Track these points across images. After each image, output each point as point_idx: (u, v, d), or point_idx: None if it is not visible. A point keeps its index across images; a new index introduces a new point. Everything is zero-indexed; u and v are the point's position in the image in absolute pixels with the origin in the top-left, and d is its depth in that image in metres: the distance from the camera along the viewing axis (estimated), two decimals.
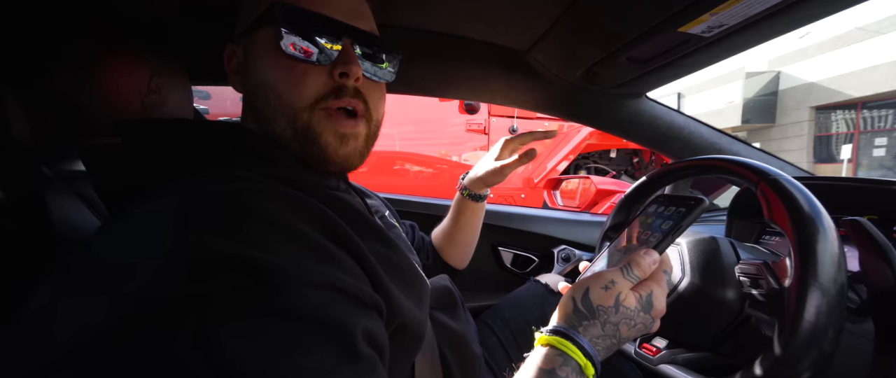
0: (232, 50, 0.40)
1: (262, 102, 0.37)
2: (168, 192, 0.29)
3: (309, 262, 0.27)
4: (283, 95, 0.36)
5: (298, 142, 0.37)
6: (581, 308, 0.36)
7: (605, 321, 0.35)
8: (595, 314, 0.35)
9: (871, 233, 0.42)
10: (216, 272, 0.24)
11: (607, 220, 0.72)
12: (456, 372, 0.54)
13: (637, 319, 0.36)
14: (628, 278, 0.36)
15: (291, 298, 0.25)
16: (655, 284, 0.37)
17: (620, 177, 2.73)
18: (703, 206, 0.38)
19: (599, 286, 0.36)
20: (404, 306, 0.35)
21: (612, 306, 0.35)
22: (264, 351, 0.23)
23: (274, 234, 0.27)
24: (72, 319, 0.23)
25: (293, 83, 0.36)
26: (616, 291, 0.35)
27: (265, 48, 0.36)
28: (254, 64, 0.37)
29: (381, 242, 0.38)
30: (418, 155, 2.37)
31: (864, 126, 8.14)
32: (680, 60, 0.62)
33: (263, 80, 0.37)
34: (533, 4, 0.55)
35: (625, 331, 0.35)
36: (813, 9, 0.47)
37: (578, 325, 0.35)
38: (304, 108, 0.36)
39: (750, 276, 0.44)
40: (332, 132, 0.37)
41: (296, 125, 0.36)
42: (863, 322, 0.44)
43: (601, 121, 0.92)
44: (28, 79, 0.38)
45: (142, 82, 0.45)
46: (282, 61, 0.36)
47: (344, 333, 0.26)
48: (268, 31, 0.36)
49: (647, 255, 0.37)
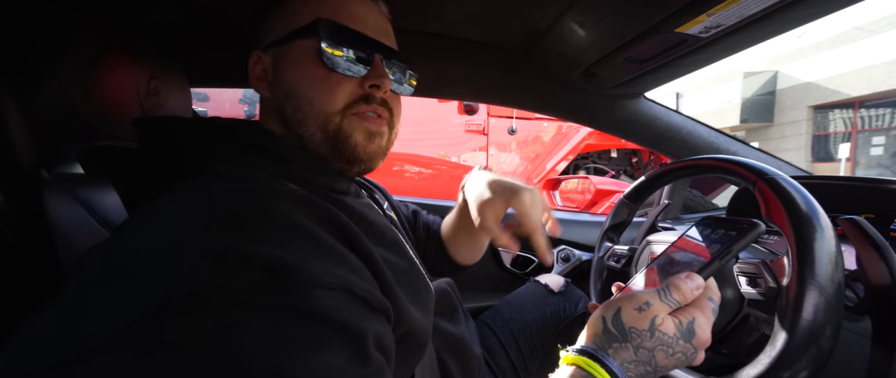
0: (258, 57, 0.41)
1: (293, 108, 0.39)
2: (188, 189, 0.30)
3: (324, 263, 0.28)
4: (316, 102, 0.38)
5: (329, 144, 0.39)
6: (612, 329, 0.33)
7: (639, 345, 0.32)
8: (627, 337, 0.33)
9: (869, 231, 0.42)
10: (234, 269, 0.24)
11: (607, 220, 0.72)
12: (456, 374, 0.54)
13: (676, 348, 0.32)
14: (666, 301, 0.34)
15: (306, 298, 0.25)
16: (699, 312, 0.34)
17: (619, 177, 2.73)
18: (759, 229, 0.35)
19: (633, 307, 0.33)
20: (411, 313, 0.36)
21: (646, 330, 0.32)
22: (277, 348, 0.23)
23: (291, 235, 0.28)
24: (93, 316, 0.23)
25: (326, 91, 0.38)
26: (651, 314, 0.33)
27: (302, 58, 0.38)
28: (286, 72, 0.39)
29: (391, 248, 0.39)
30: (417, 155, 2.37)
31: (862, 125, 8.17)
32: (678, 60, 0.63)
33: (297, 87, 0.39)
34: (531, 5, 0.56)
35: (661, 359, 0.32)
36: (810, 9, 0.48)
37: (608, 347, 0.33)
38: (335, 113, 0.39)
39: (748, 275, 0.44)
40: (362, 131, 0.39)
41: (327, 128, 0.39)
42: (860, 320, 0.44)
43: (600, 121, 0.92)
44: (26, 81, 0.38)
45: (141, 84, 0.45)
46: (318, 71, 0.38)
47: (356, 336, 0.26)
48: (307, 42, 0.38)
49: (690, 280, 0.34)
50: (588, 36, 0.60)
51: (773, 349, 0.37)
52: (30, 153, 0.36)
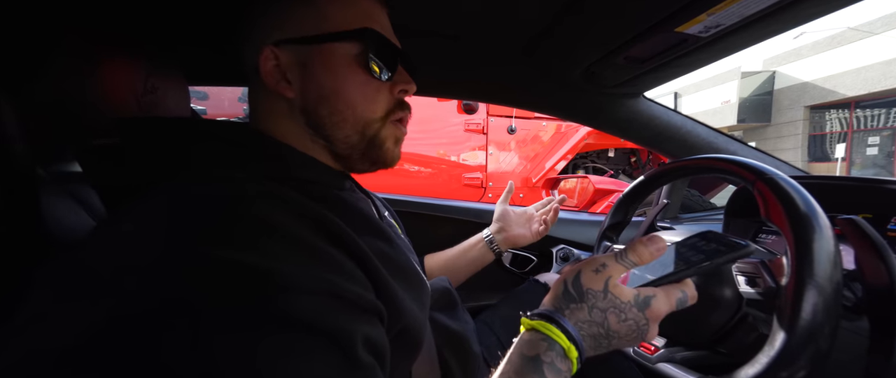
0: (272, 52, 0.39)
1: (329, 110, 0.39)
2: (162, 192, 0.29)
3: (306, 267, 0.27)
4: (358, 107, 0.39)
5: (363, 147, 0.41)
6: (571, 290, 0.34)
7: (593, 306, 0.33)
8: (584, 297, 0.34)
9: (867, 231, 0.42)
10: (209, 276, 0.23)
11: (605, 220, 0.72)
12: (456, 372, 0.54)
13: (628, 314, 0.33)
14: (621, 262, 0.35)
15: (287, 305, 0.24)
16: (662, 293, 0.35)
17: (618, 176, 2.73)
18: (746, 250, 0.35)
19: (591, 269, 0.35)
20: (407, 308, 0.35)
21: (600, 291, 0.34)
22: (256, 359, 0.22)
23: (270, 239, 0.27)
24: (65, 325, 0.22)
25: (368, 97, 0.40)
26: (606, 275, 0.34)
27: (342, 62, 0.39)
28: (322, 74, 0.39)
29: (385, 241, 0.38)
30: (417, 155, 2.36)
31: (858, 125, 8.23)
32: (677, 60, 0.63)
33: (335, 90, 0.39)
34: (531, 4, 0.56)
35: (614, 322, 0.33)
36: (809, 8, 0.48)
37: (566, 308, 0.34)
38: (377, 119, 0.41)
39: (747, 275, 0.44)
40: (394, 137, 0.43)
41: (366, 133, 0.40)
42: (858, 320, 0.44)
43: (599, 120, 0.92)
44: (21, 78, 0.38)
45: (137, 82, 0.44)
46: (360, 77, 0.39)
47: (342, 340, 0.26)
48: (348, 46, 0.39)
49: (651, 242, 0.35)
50: (588, 35, 0.60)
51: (771, 349, 0.37)
52: (25, 151, 0.36)
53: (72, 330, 0.22)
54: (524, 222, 0.80)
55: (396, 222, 0.61)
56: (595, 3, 0.52)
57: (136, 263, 0.24)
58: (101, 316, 0.22)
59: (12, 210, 0.35)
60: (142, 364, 0.21)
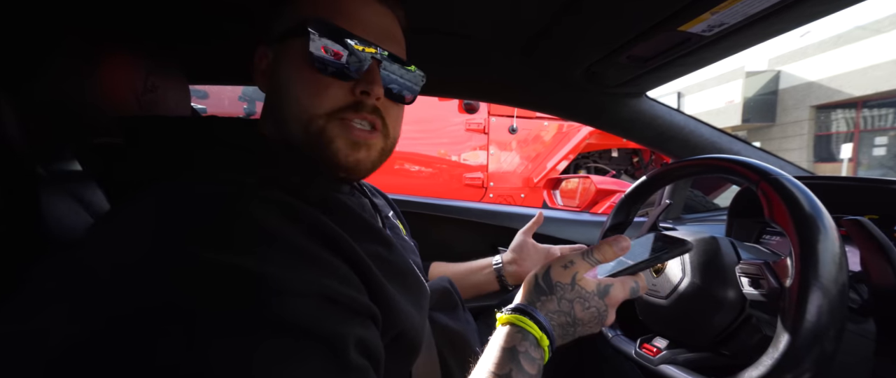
0: (264, 51, 0.41)
1: (279, 106, 0.39)
2: (158, 189, 0.29)
3: (298, 270, 0.27)
4: (302, 102, 0.37)
5: (310, 146, 0.38)
6: (541, 284, 0.38)
7: (561, 297, 0.37)
8: (553, 290, 0.38)
9: (873, 232, 0.42)
10: (201, 279, 0.23)
11: (607, 220, 0.72)
12: (456, 372, 0.54)
13: (591, 302, 0.38)
14: (587, 260, 0.39)
15: (278, 308, 0.24)
16: (618, 283, 0.39)
17: (620, 176, 2.72)
18: (684, 247, 0.40)
19: (560, 265, 0.39)
20: (403, 311, 0.35)
21: (568, 284, 0.38)
22: (248, 362, 0.22)
23: (262, 242, 0.27)
24: (58, 327, 0.22)
25: (313, 93, 0.37)
26: (574, 271, 0.38)
27: (293, 57, 0.38)
28: (279, 69, 0.39)
29: (381, 245, 0.38)
30: (418, 154, 2.36)
31: (865, 125, 8.14)
32: (680, 59, 0.62)
33: (286, 86, 0.38)
34: (533, 3, 0.55)
35: (579, 310, 0.37)
36: (813, 7, 0.47)
37: (537, 301, 0.38)
38: (319, 116, 0.37)
39: (751, 276, 0.44)
40: (344, 139, 0.38)
41: (310, 130, 0.37)
42: (864, 322, 0.44)
43: (601, 120, 0.92)
44: (21, 78, 0.38)
45: (137, 81, 0.44)
46: (306, 73, 0.37)
47: (333, 343, 0.26)
48: (298, 41, 0.37)
49: (615, 243, 0.38)
50: (590, 34, 0.60)
51: (775, 351, 0.37)
52: (25, 150, 0.36)
53: (66, 331, 0.22)
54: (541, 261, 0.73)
55: (401, 224, 0.60)
56: (593, 4, 0.51)
57: (131, 265, 0.24)
58: (96, 318, 0.22)
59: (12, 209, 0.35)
60: (135, 368, 0.21)
